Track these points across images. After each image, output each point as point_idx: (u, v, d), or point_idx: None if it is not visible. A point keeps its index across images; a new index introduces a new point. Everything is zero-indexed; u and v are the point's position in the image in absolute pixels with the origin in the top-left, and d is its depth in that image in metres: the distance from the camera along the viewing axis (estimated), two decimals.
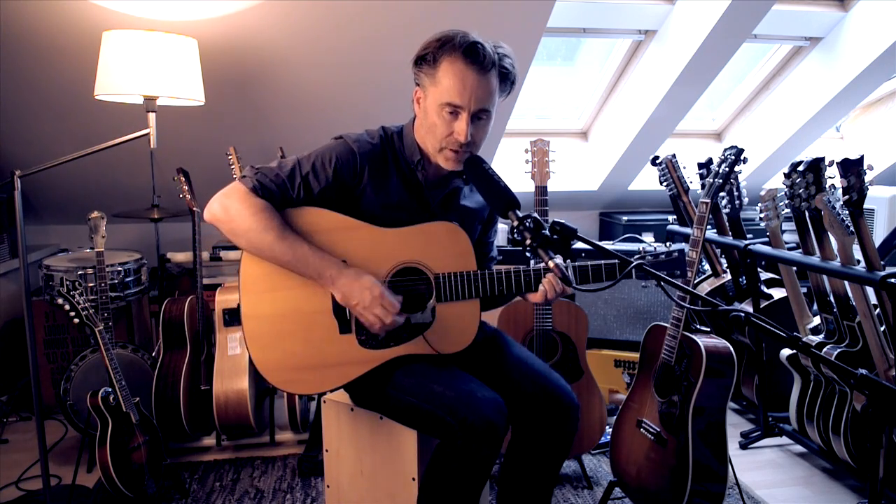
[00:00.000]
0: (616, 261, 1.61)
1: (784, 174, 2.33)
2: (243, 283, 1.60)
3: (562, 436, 1.70)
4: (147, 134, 2.13)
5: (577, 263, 1.60)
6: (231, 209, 1.55)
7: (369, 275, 1.55)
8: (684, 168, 2.99)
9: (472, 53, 1.49)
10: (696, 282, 2.89)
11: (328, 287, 1.55)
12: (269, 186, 1.57)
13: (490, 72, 1.51)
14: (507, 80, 1.57)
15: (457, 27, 1.55)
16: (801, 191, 2.25)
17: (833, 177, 2.16)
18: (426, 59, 1.53)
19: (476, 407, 1.51)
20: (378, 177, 1.62)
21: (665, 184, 3.03)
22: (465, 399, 1.52)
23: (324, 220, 1.59)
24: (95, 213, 2.43)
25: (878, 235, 3.62)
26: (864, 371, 1.08)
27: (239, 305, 1.60)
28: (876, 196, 3.72)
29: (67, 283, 2.24)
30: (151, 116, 2.30)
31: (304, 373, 1.60)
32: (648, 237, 3.72)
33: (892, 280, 1.98)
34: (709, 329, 2.03)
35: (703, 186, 2.06)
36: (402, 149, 1.66)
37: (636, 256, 1.62)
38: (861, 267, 2.10)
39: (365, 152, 1.60)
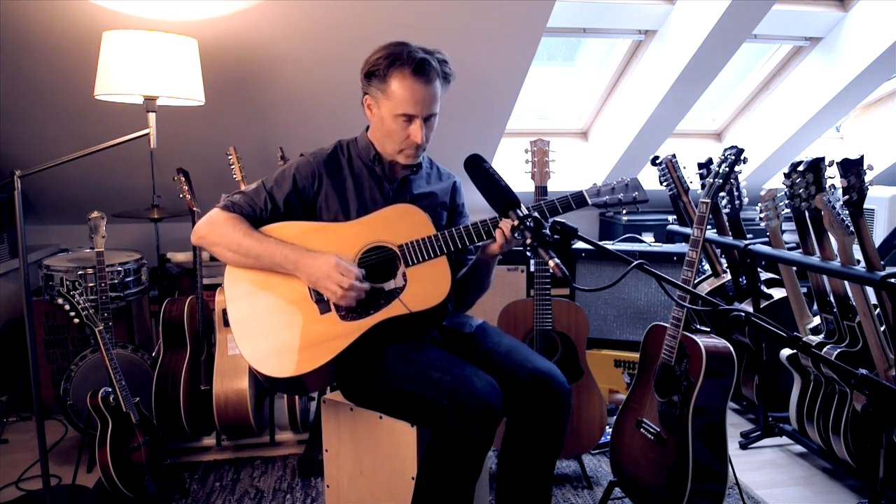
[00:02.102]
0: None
1: (784, 174, 2.33)
2: (227, 290, 1.75)
3: (554, 422, 1.72)
4: (147, 134, 2.13)
5: (542, 201, 1.72)
6: (208, 224, 1.75)
7: (328, 253, 1.68)
8: (684, 168, 2.99)
9: (419, 70, 1.66)
10: (696, 282, 2.89)
11: (294, 272, 1.69)
12: (239, 203, 1.76)
13: (436, 81, 1.70)
14: (448, 81, 1.75)
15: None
16: (801, 191, 2.25)
17: (833, 177, 2.16)
18: (376, 74, 1.70)
19: (473, 391, 1.55)
20: (336, 180, 1.80)
21: (665, 184, 3.03)
22: (463, 384, 1.56)
23: (292, 228, 1.75)
24: (95, 213, 2.43)
25: (878, 235, 3.62)
26: (864, 371, 1.08)
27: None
28: (876, 196, 3.72)
29: (67, 283, 2.24)
30: (151, 116, 2.30)
31: (293, 354, 1.66)
32: (648, 237, 3.72)
33: (892, 280, 1.98)
34: (709, 329, 2.03)
35: (703, 186, 2.06)
36: (358, 152, 1.85)
37: (588, 189, 1.74)
38: (861, 267, 2.10)
39: (321, 160, 1.80)
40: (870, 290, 2.16)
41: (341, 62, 2.80)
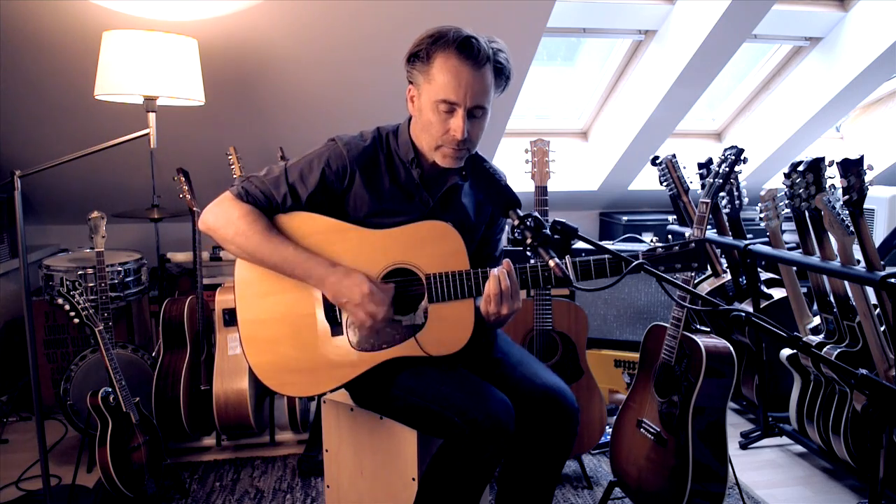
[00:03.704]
0: (607, 256, 1.55)
1: (784, 174, 2.33)
2: (237, 287, 1.61)
3: (562, 439, 1.69)
4: (147, 134, 2.13)
5: (577, 259, 1.55)
6: (219, 216, 1.58)
7: (359, 272, 1.54)
8: (684, 168, 3.00)
9: (466, 48, 1.46)
10: (696, 282, 2.89)
11: (318, 287, 1.56)
12: (254, 193, 1.58)
13: (485, 67, 1.48)
14: (503, 76, 1.54)
15: (456, 26, 1.55)
16: (801, 191, 2.25)
17: (833, 177, 2.16)
18: (419, 56, 1.51)
19: (485, 408, 1.50)
20: (370, 179, 1.61)
21: (665, 184, 3.03)
22: (475, 400, 1.52)
23: (313, 224, 1.59)
24: (95, 213, 2.43)
25: (878, 235, 3.62)
26: (864, 371, 1.07)
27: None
28: (876, 196, 3.72)
29: (67, 283, 2.24)
30: (151, 116, 2.30)
31: (297, 375, 1.60)
32: (648, 237, 3.72)
33: (892, 280, 1.98)
34: (709, 329, 2.03)
35: (703, 186, 2.06)
36: (396, 148, 1.64)
37: (647, 250, 1.54)
38: (861, 267, 2.10)
39: (355, 156, 1.59)
40: (870, 290, 2.16)
41: (341, 62, 2.80)
